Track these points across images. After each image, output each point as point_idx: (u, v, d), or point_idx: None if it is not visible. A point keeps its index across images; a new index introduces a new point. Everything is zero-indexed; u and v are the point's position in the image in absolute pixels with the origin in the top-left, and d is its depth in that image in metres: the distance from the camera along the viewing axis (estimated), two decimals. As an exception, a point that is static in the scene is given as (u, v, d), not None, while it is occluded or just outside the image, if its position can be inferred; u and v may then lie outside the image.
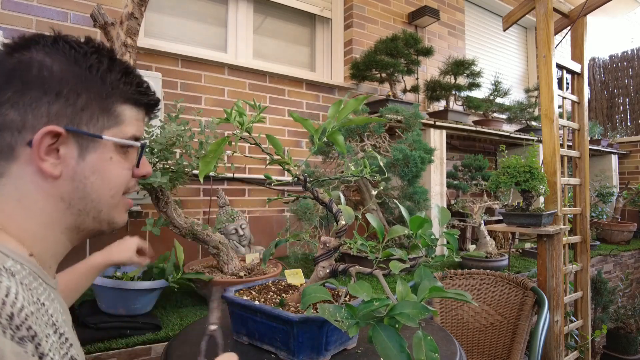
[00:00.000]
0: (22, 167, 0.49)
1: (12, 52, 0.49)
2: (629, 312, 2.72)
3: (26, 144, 0.48)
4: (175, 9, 2.19)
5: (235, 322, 0.80)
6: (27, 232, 0.49)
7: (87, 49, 0.51)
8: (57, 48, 0.50)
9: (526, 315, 1.50)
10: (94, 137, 0.51)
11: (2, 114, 0.48)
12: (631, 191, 3.51)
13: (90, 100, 0.50)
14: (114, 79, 0.53)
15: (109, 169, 0.53)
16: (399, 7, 2.89)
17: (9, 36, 1.60)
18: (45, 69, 0.48)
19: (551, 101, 1.72)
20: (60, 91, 0.49)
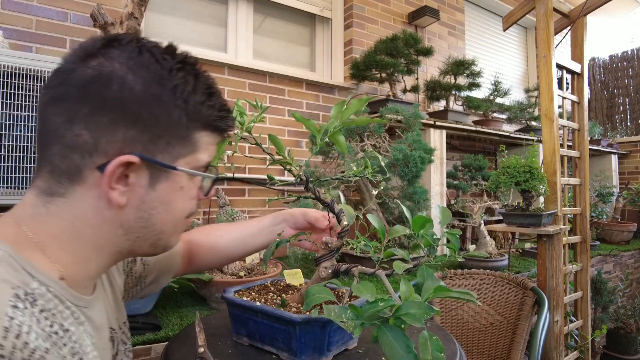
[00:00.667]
0: (86, 191, 0.45)
1: (88, 58, 0.44)
2: (628, 312, 2.72)
3: (95, 167, 0.44)
4: (175, 9, 2.19)
5: (236, 323, 0.80)
6: (69, 254, 0.46)
7: (173, 64, 0.46)
8: (141, 62, 0.44)
9: (526, 315, 1.50)
10: (168, 168, 0.47)
11: (75, 134, 0.43)
12: (631, 191, 3.51)
13: (169, 126, 0.45)
14: (197, 101, 0.47)
15: (178, 198, 0.49)
16: (399, 7, 2.89)
17: (9, 36, 1.60)
18: (126, 88, 0.43)
19: (551, 101, 1.72)
20: (139, 115, 0.44)
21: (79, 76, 0.43)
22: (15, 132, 1.17)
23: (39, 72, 1.18)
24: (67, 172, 0.44)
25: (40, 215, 0.45)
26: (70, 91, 0.43)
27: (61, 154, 0.44)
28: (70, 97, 0.43)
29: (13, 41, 1.61)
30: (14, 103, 1.16)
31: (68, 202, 0.45)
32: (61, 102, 0.43)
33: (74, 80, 0.43)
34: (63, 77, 0.44)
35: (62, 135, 0.43)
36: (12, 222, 0.45)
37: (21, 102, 1.17)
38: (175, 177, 0.48)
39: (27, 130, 1.18)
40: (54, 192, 0.45)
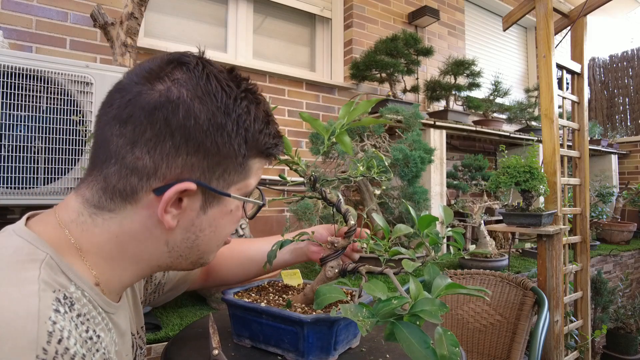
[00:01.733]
0: (138, 210, 0.45)
1: (155, 81, 0.43)
2: (628, 312, 2.72)
3: (151, 190, 0.44)
4: (175, 8, 2.19)
5: (237, 325, 0.79)
6: (107, 262, 0.46)
7: (238, 93, 0.46)
8: (208, 90, 0.44)
9: (526, 315, 1.50)
10: (222, 195, 0.47)
11: (136, 157, 0.43)
12: (631, 191, 3.51)
13: (228, 155, 0.46)
14: (256, 129, 0.47)
15: (225, 222, 0.50)
16: (399, 7, 2.89)
17: (9, 36, 1.60)
18: (192, 116, 0.43)
19: (551, 101, 1.72)
20: (202, 144, 0.44)
21: (146, 100, 0.43)
22: (16, 132, 1.17)
23: (39, 72, 1.18)
24: (122, 191, 0.44)
25: (84, 224, 0.45)
26: (136, 114, 0.43)
27: (119, 174, 0.44)
28: (135, 120, 0.43)
29: (13, 41, 1.61)
30: (14, 103, 1.16)
31: (116, 218, 0.45)
32: (125, 124, 0.43)
33: (141, 104, 0.43)
34: (129, 98, 0.43)
35: (123, 156, 0.43)
36: (54, 224, 0.45)
37: (21, 102, 1.17)
38: (227, 202, 0.49)
39: (27, 130, 1.18)
40: (103, 207, 0.45)
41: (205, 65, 0.45)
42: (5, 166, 1.15)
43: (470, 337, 1.60)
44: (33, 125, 1.18)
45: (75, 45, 1.74)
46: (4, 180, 1.15)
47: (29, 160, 1.18)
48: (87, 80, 1.23)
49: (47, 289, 0.38)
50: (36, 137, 1.18)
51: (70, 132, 1.21)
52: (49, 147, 1.19)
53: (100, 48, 1.79)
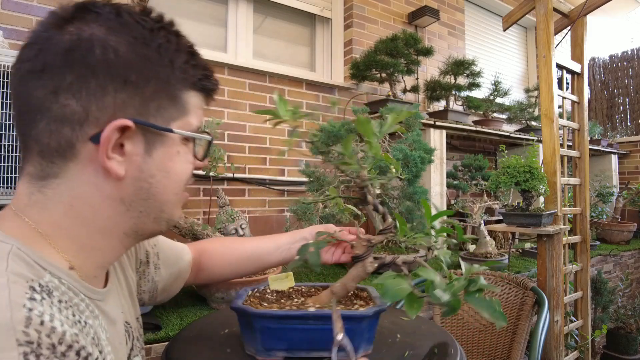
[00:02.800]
0: (81, 167, 0.42)
1: (64, 24, 0.41)
2: (629, 312, 2.72)
3: (88, 139, 0.41)
4: (175, 9, 2.19)
5: (269, 339, 0.71)
6: (74, 241, 0.44)
7: (153, 24, 0.45)
8: (121, 23, 0.42)
9: (526, 315, 1.50)
10: (163, 131, 0.45)
11: (62, 104, 0.40)
12: (631, 191, 3.51)
13: (158, 87, 0.44)
14: (182, 61, 0.46)
15: (175, 164, 0.47)
16: (399, 7, 2.89)
17: (9, 36, 1.60)
18: (110, 51, 0.41)
19: (551, 101, 1.72)
20: (127, 77, 0.42)
21: (58, 44, 0.40)
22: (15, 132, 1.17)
23: (39, 72, 1.18)
24: (59, 148, 0.41)
25: (38, 202, 0.43)
26: (50, 61, 0.40)
27: (49, 129, 0.41)
28: (51, 67, 0.40)
29: (13, 41, 1.61)
30: (14, 103, 1.17)
31: (64, 182, 0.42)
32: (41, 74, 0.40)
33: (53, 49, 0.40)
34: (39, 47, 0.41)
35: (47, 108, 0.40)
36: (11, 215, 0.43)
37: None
38: (171, 142, 0.46)
39: (27, 130, 1.18)
40: (47, 175, 0.42)
41: (114, 4, 0.44)
42: (6, 166, 1.15)
43: (471, 337, 1.60)
44: (33, 125, 1.18)
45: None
46: (5, 180, 1.15)
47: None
48: (87, 80, 1.23)
49: (17, 279, 0.36)
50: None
51: (70, 132, 1.20)
52: (49, 147, 1.19)
53: (100, 48, 1.79)
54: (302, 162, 2.34)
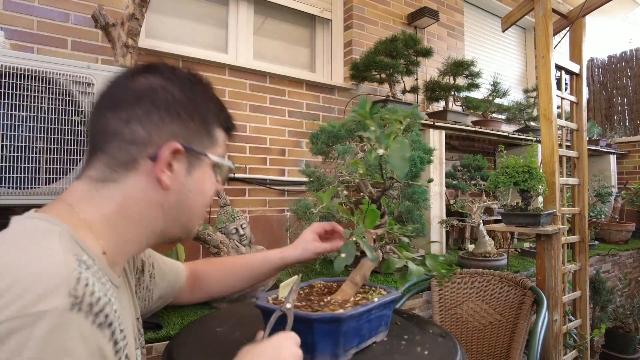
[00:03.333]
0: (138, 177, 0.54)
1: (137, 75, 0.57)
2: (627, 312, 2.73)
3: (147, 157, 0.54)
4: (176, 10, 2.20)
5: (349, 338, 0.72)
6: (113, 232, 0.54)
7: (198, 81, 0.61)
8: (177, 76, 0.58)
9: (525, 314, 1.51)
10: (201, 156, 0.58)
11: (132, 130, 0.54)
12: (629, 191, 3.53)
13: (199, 123, 0.58)
14: (215, 106, 0.62)
15: (206, 184, 0.60)
16: (399, 8, 2.90)
17: (11, 37, 1.60)
18: (169, 94, 0.56)
19: (550, 101, 1.73)
20: (180, 113, 0.56)
21: (132, 88, 0.56)
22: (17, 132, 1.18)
23: (41, 73, 1.18)
24: (124, 161, 0.54)
25: (92, 198, 0.53)
26: (126, 99, 0.55)
27: (120, 147, 0.54)
28: (126, 103, 0.54)
29: (14, 42, 1.62)
30: (15, 103, 1.17)
31: (120, 186, 0.54)
32: (119, 107, 0.54)
33: (129, 91, 0.55)
34: (118, 88, 0.56)
35: (121, 132, 0.54)
36: (65, 206, 0.53)
37: (23, 103, 1.17)
38: (205, 166, 0.60)
39: (28, 131, 1.19)
40: (107, 179, 0.54)
41: (170, 65, 0.60)
42: (7, 166, 1.15)
43: (470, 336, 1.60)
44: (34, 125, 1.18)
45: (76, 46, 1.75)
46: (6, 180, 1.15)
47: (31, 161, 1.18)
48: (89, 80, 1.23)
49: (68, 252, 0.44)
50: (38, 138, 1.18)
51: (71, 133, 1.21)
52: (50, 148, 1.19)
53: (102, 49, 1.79)
54: (302, 162, 2.35)
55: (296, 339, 0.60)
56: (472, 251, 2.13)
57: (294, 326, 0.65)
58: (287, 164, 2.34)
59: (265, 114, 2.29)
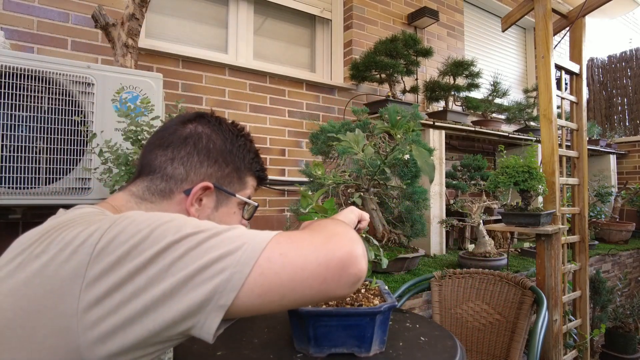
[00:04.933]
0: (171, 205, 0.63)
1: (187, 123, 0.66)
2: (627, 312, 2.73)
3: (182, 191, 0.62)
4: (176, 10, 2.20)
5: (382, 333, 0.81)
6: None
7: (238, 133, 0.70)
8: (221, 128, 0.67)
9: (525, 314, 1.51)
10: (229, 195, 0.67)
11: (174, 168, 0.63)
12: (629, 191, 3.53)
13: (233, 169, 0.67)
14: (250, 157, 0.70)
15: (230, 220, 0.68)
16: (399, 8, 2.90)
17: (11, 37, 1.60)
18: (211, 142, 0.65)
19: (550, 101, 1.73)
20: (217, 160, 0.65)
21: (181, 133, 0.65)
22: (17, 132, 1.18)
23: (41, 73, 1.18)
24: (163, 190, 0.63)
25: (132, 208, 0.61)
26: (174, 141, 0.64)
27: (162, 179, 0.63)
28: (174, 145, 0.64)
29: (14, 42, 1.62)
30: (15, 104, 1.17)
31: (155, 207, 0.62)
32: (167, 148, 0.64)
33: (177, 135, 0.65)
34: (169, 133, 0.66)
35: (165, 167, 0.63)
36: (110, 207, 0.60)
37: (23, 103, 1.17)
38: (232, 204, 0.68)
39: (28, 131, 1.19)
40: (146, 199, 0.63)
41: (217, 116, 0.70)
42: (7, 166, 1.15)
43: (470, 336, 1.61)
44: (35, 125, 1.18)
45: (76, 46, 1.75)
46: (6, 180, 1.15)
47: (31, 161, 1.18)
48: (89, 80, 1.23)
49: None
50: (38, 138, 1.18)
51: (71, 133, 1.21)
52: (50, 148, 1.19)
53: (102, 49, 1.80)
54: (302, 162, 2.35)
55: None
56: (472, 251, 2.13)
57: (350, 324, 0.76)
58: (287, 164, 2.34)
59: (265, 114, 2.29)
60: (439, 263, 2.10)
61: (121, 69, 1.31)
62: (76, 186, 1.22)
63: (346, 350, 0.76)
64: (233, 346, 0.81)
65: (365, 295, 0.87)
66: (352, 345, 0.76)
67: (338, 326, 0.75)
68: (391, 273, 1.81)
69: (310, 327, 0.74)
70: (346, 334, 0.75)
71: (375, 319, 0.75)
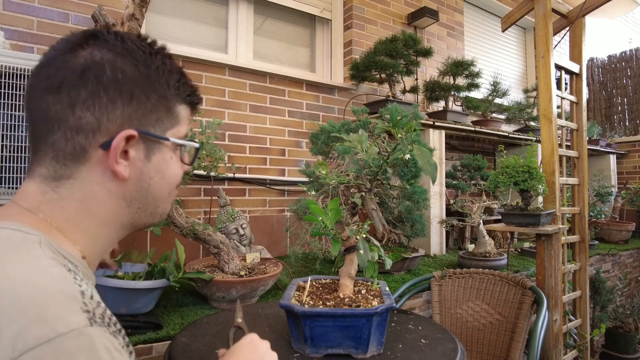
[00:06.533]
0: (91, 169, 0.49)
1: (77, 49, 0.48)
2: (627, 311, 2.73)
3: (99, 146, 0.48)
4: (176, 10, 2.20)
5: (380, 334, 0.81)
6: (83, 233, 0.50)
7: (151, 49, 0.52)
8: (126, 48, 0.50)
9: (525, 314, 1.51)
10: (160, 140, 0.52)
11: (77, 116, 0.47)
12: (629, 191, 3.53)
13: (157, 102, 0.51)
14: (175, 80, 0.54)
15: (169, 168, 0.55)
16: (399, 8, 2.90)
17: (11, 37, 1.60)
18: (119, 71, 0.48)
19: (550, 101, 1.73)
20: (133, 93, 0.49)
21: (73, 65, 0.47)
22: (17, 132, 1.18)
23: (41, 73, 1.18)
24: (73, 153, 0.48)
25: (52, 201, 0.48)
26: (68, 78, 0.47)
27: (65, 137, 0.47)
28: (68, 84, 0.47)
29: (14, 42, 1.62)
30: (15, 104, 1.17)
31: (76, 183, 0.49)
32: (59, 90, 0.47)
33: (70, 69, 0.47)
34: (56, 68, 0.47)
35: (65, 119, 0.47)
36: (25, 211, 0.47)
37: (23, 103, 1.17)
38: (166, 149, 0.54)
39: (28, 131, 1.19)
40: (61, 176, 0.48)
41: (117, 32, 0.51)
42: (7, 166, 1.15)
43: (470, 336, 1.61)
44: (35, 125, 1.18)
45: (76, 46, 1.75)
46: (6, 180, 1.15)
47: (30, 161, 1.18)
48: (89, 81, 1.23)
49: (56, 264, 0.41)
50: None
51: (72, 133, 1.21)
52: (50, 148, 1.19)
53: (101, 49, 1.79)
54: (302, 162, 2.35)
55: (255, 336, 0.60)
56: (472, 251, 2.13)
57: (346, 325, 0.75)
58: (287, 164, 2.34)
59: (265, 114, 2.29)
60: (439, 263, 2.10)
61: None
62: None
63: (343, 351, 0.76)
64: (233, 346, 0.81)
65: (364, 296, 0.87)
66: (349, 346, 0.75)
67: (334, 327, 0.74)
68: (391, 273, 1.81)
69: (306, 327, 0.74)
70: (342, 335, 0.75)
71: (372, 320, 0.75)
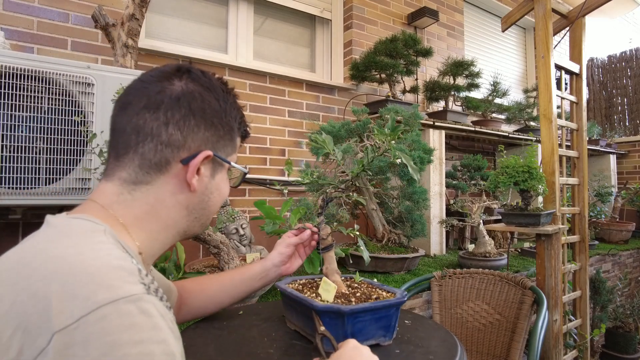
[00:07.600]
0: (168, 179, 0.57)
1: (173, 79, 0.58)
2: (627, 311, 2.73)
3: (179, 161, 0.57)
4: (176, 10, 2.20)
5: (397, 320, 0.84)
6: (145, 232, 0.56)
7: (228, 90, 0.63)
8: (213, 85, 0.60)
9: (525, 314, 1.51)
10: (224, 162, 0.62)
11: (169, 133, 0.56)
12: (629, 191, 3.53)
13: (227, 131, 0.62)
14: (239, 115, 0.65)
15: (224, 186, 0.65)
16: (399, 8, 2.90)
17: (11, 37, 1.60)
18: (206, 102, 0.58)
19: (550, 101, 1.73)
20: (213, 122, 0.59)
21: (171, 91, 0.57)
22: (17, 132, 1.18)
23: (41, 73, 1.18)
24: (158, 164, 0.56)
25: (125, 201, 0.55)
26: (166, 101, 0.56)
27: (155, 149, 0.55)
28: (166, 106, 0.56)
29: (14, 42, 1.62)
30: (15, 104, 1.17)
31: (152, 189, 0.56)
32: (157, 110, 0.56)
33: (168, 94, 0.56)
34: (157, 91, 0.56)
35: (158, 134, 0.55)
36: (99, 207, 0.54)
37: (23, 103, 1.18)
38: (224, 170, 0.64)
39: (28, 131, 1.19)
40: (140, 181, 0.56)
41: (203, 71, 0.61)
42: (7, 167, 1.15)
43: (470, 336, 1.61)
44: (35, 125, 1.18)
45: (76, 46, 1.75)
46: (6, 180, 1.15)
47: (31, 161, 1.18)
48: (89, 81, 1.23)
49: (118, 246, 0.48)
50: (38, 138, 1.19)
51: (71, 133, 1.21)
52: (50, 148, 1.20)
53: (102, 49, 1.80)
54: (302, 162, 2.35)
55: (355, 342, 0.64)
56: (472, 251, 2.13)
57: (381, 316, 0.79)
58: (287, 164, 2.34)
59: (265, 114, 2.29)
60: (439, 263, 2.10)
61: (121, 69, 1.31)
62: (76, 186, 1.22)
63: (374, 342, 0.79)
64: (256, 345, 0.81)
65: (355, 289, 0.90)
66: (380, 336, 0.80)
67: (371, 319, 0.78)
68: (391, 273, 1.81)
69: (348, 324, 0.76)
70: (377, 326, 0.79)
71: (399, 308, 0.82)
